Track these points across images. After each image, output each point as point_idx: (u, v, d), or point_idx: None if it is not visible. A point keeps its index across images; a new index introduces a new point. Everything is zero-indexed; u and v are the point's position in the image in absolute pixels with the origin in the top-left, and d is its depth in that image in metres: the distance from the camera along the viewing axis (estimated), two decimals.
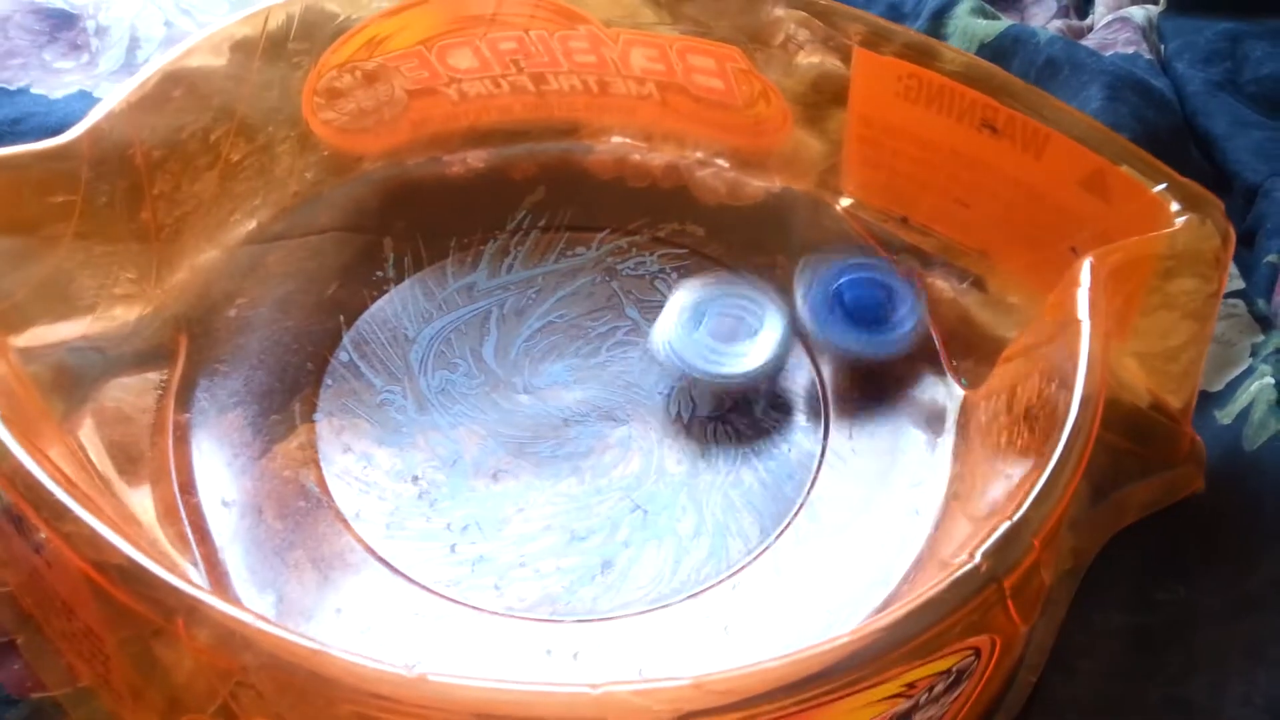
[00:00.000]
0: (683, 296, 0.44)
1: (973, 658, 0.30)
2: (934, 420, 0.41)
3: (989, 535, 0.29)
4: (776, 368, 0.43)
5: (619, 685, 0.25)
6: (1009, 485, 0.33)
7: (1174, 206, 0.38)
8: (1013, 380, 0.37)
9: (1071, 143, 0.41)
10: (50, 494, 0.29)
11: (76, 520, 0.29)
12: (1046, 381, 0.34)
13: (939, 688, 0.30)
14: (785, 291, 0.46)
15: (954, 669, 0.30)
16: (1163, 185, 0.38)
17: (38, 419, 0.35)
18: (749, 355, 0.42)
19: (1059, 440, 0.31)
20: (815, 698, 0.26)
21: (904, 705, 0.29)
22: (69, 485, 0.30)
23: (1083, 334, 0.33)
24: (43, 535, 0.30)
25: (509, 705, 0.24)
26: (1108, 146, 0.41)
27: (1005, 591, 0.29)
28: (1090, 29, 0.62)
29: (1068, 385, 0.33)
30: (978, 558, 0.28)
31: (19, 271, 0.38)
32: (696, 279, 0.45)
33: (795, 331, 0.44)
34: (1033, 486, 0.30)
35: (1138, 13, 0.62)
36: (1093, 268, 0.35)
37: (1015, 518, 0.29)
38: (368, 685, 0.25)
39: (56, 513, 0.29)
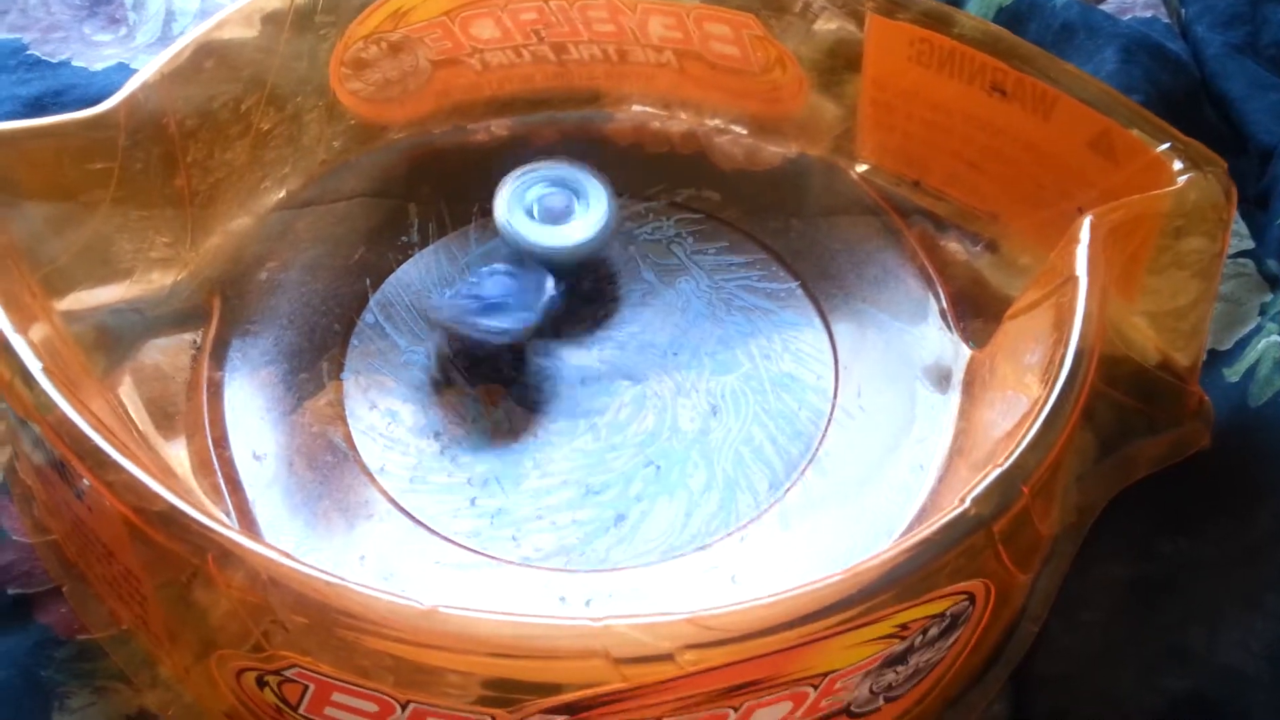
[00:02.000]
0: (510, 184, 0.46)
1: (966, 603, 0.31)
2: (941, 379, 0.42)
3: (980, 482, 0.30)
4: (602, 240, 0.45)
5: (620, 619, 0.26)
6: (1007, 437, 0.34)
7: (1177, 165, 0.38)
8: (1015, 337, 0.38)
9: (1079, 104, 0.42)
10: (93, 443, 0.31)
11: (117, 468, 0.31)
12: (1046, 336, 0.35)
13: (933, 631, 0.31)
14: (797, 254, 0.47)
15: (947, 613, 0.31)
16: (1166, 145, 0.39)
17: (80, 376, 0.37)
18: (576, 229, 0.45)
19: (1053, 391, 0.32)
20: (807, 635, 0.27)
21: (898, 646, 0.30)
22: (110, 436, 0.32)
23: (1080, 289, 0.34)
24: (85, 483, 0.32)
25: (514, 637, 0.26)
26: (1114, 108, 0.41)
27: (995, 536, 0.30)
28: None
29: (1065, 340, 0.33)
30: (968, 502, 0.29)
31: (61, 237, 0.40)
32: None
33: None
34: (1025, 435, 0.31)
35: None
36: (1092, 225, 0.36)
37: (1005, 465, 0.30)
38: (383, 618, 0.27)
39: (99, 461, 0.31)
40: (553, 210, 0.46)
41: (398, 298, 0.45)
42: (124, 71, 0.56)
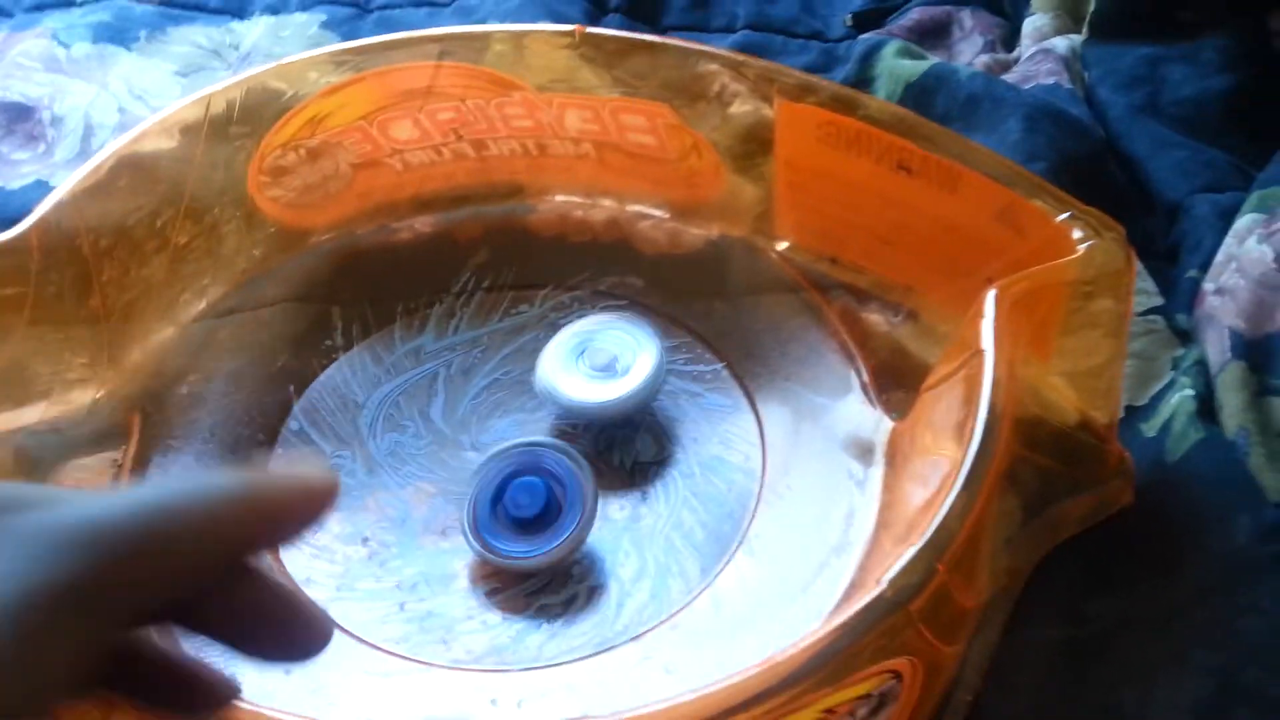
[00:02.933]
0: (563, 336, 0.45)
1: (894, 680, 0.32)
2: (864, 452, 0.43)
3: (896, 562, 0.30)
4: (650, 395, 0.44)
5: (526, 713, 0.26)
6: (925, 508, 0.35)
7: (1077, 234, 0.39)
8: (931, 408, 0.39)
9: (983, 179, 0.43)
10: None
11: None
12: (959, 408, 0.36)
13: (862, 712, 0.31)
14: (721, 335, 0.47)
15: (874, 693, 0.31)
16: (1066, 215, 0.40)
17: None
18: (622, 385, 0.43)
19: (963, 467, 0.32)
20: None
21: None
22: None
23: (987, 361, 0.35)
24: None
25: None
26: (1017, 181, 0.42)
27: (914, 616, 0.30)
28: (1017, 61, 0.64)
29: (974, 412, 0.34)
30: (884, 584, 0.29)
31: None
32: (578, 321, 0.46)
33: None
34: (939, 511, 0.31)
35: (1060, 43, 0.64)
36: (997, 298, 0.37)
37: (920, 544, 0.30)
38: None
39: None
40: (600, 366, 0.44)
41: (322, 403, 0.45)
42: (42, 188, 0.56)
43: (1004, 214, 0.43)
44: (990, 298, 0.37)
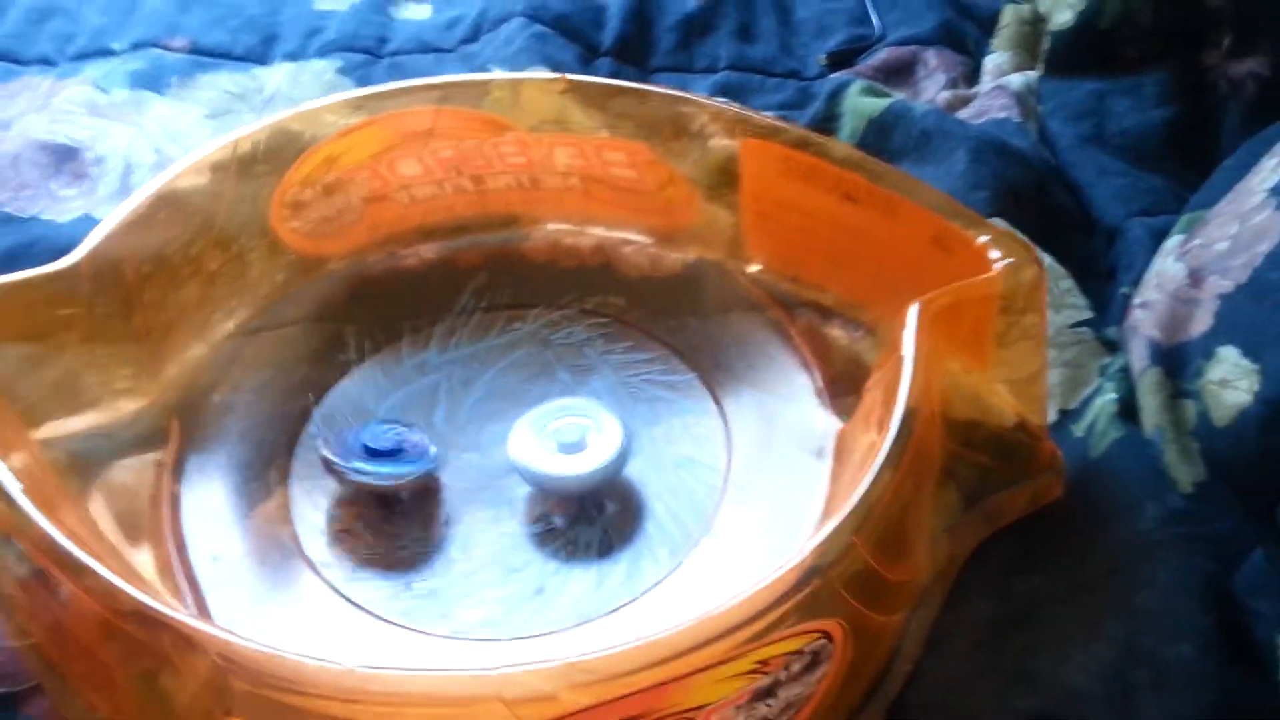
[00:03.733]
0: (530, 416, 0.48)
1: (824, 640, 0.37)
2: (818, 450, 0.48)
3: (817, 534, 0.35)
4: (617, 469, 0.47)
5: (510, 667, 0.31)
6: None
7: (994, 254, 0.45)
8: (867, 409, 0.44)
9: (918, 207, 0.48)
10: (69, 553, 0.36)
11: (92, 574, 0.36)
12: (885, 407, 0.41)
13: (795, 667, 0.36)
14: (693, 349, 0.53)
15: (806, 649, 0.36)
16: (985, 237, 0.45)
17: (56, 496, 0.42)
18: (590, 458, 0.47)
19: (880, 453, 0.37)
20: (670, 674, 0.32)
21: (763, 681, 0.35)
22: (84, 546, 0.37)
23: (904, 366, 0.40)
24: (65, 591, 0.37)
25: (422, 688, 0.31)
26: (947, 209, 0.48)
27: (834, 581, 0.35)
28: (976, 96, 0.69)
29: (891, 407, 0.39)
30: (806, 552, 0.35)
31: (35, 375, 0.46)
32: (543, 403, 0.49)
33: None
34: (856, 492, 0.36)
35: (1016, 79, 0.69)
36: (920, 310, 0.42)
37: (838, 518, 0.36)
38: (308, 679, 0.32)
39: (75, 569, 0.36)
40: (568, 442, 0.47)
41: (338, 410, 0.50)
42: (88, 222, 0.62)
43: (937, 239, 0.48)
44: (913, 310, 0.42)
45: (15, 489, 0.37)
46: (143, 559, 0.44)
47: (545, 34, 0.73)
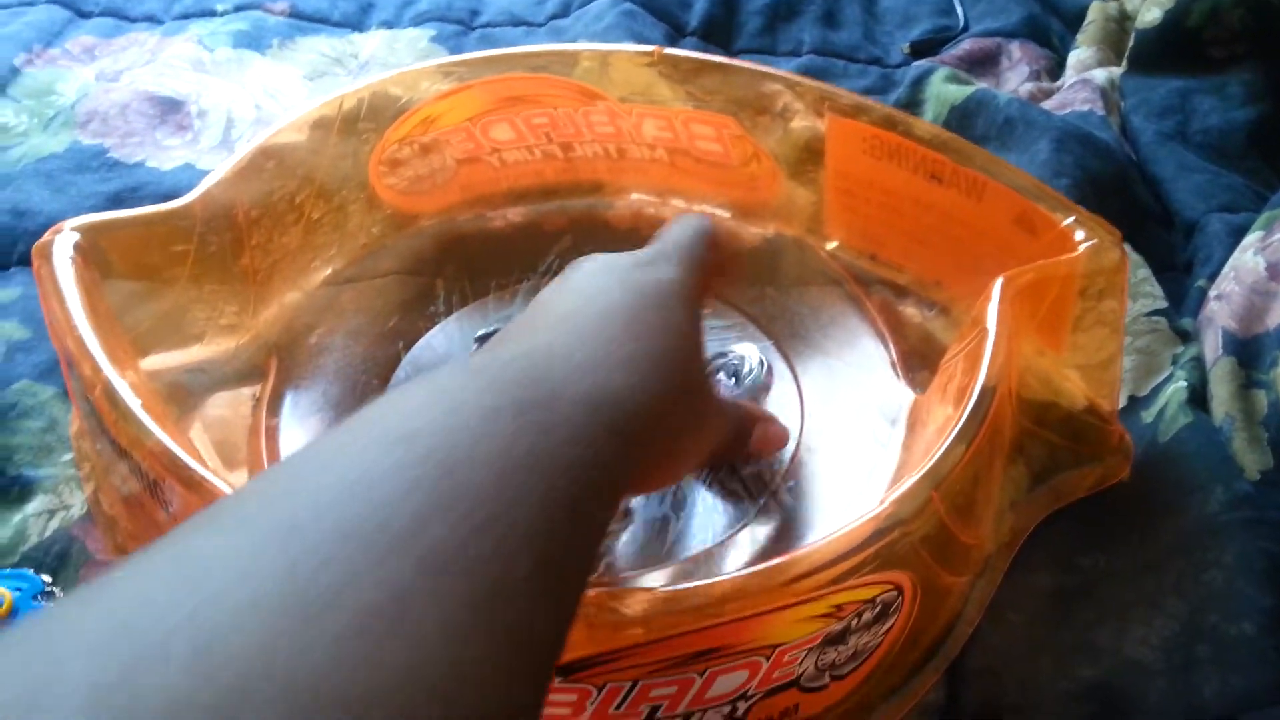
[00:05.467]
0: None
1: (894, 592, 0.38)
2: (891, 420, 0.49)
3: (897, 487, 0.36)
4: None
5: (600, 588, 0.33)
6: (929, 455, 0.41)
7: (1079, 235, 0.46)
8: (945, 380, 0.45)
9: (1003, 188, 0.49)
10: (185, 464, 0.38)
11: (203, 483, 0.38)
12: (961, 377, 0.42)
13: (867, 615, 0.38)
14: (771, 318, 0.54)
15: (877, 599, 0.37)
16: (1070, 219, 0.46)
17: (162, 420, 0.44)
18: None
19: (961, 416, 0.39)
20: (750, 609, 0.34)
21: (836, 626, 0.37)
22: (198, 460, 0.39)
23: (989, 338, 0.41)
24: (176, 504, 0.39)
25: None
26: (1032, 191, 0.49)
27: (910, 533, 0.36)
28: (1059, 89, 0.70)
29: (975, 376, 0.40)
30: (886, 503, 0.36)
31: (145, 307, 0.48)
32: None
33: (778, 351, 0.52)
34: (936, 451, 0.38)
35: (1100, 74, 0.70)
36: (1003, 286, 0.43)
37: (916, 475, 0.37)
38: None
39: (189, 479, 0.38)
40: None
41: (425, 358, 0.52)
42: (190, 171, 0.65)
43: (1021, 219, 0.49)
44: (997, 285, 0.43)
45: (135, 404, 0.39)
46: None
47: (634, 11, 0.75)
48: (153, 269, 0.48)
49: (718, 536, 0.45)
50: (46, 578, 0.46)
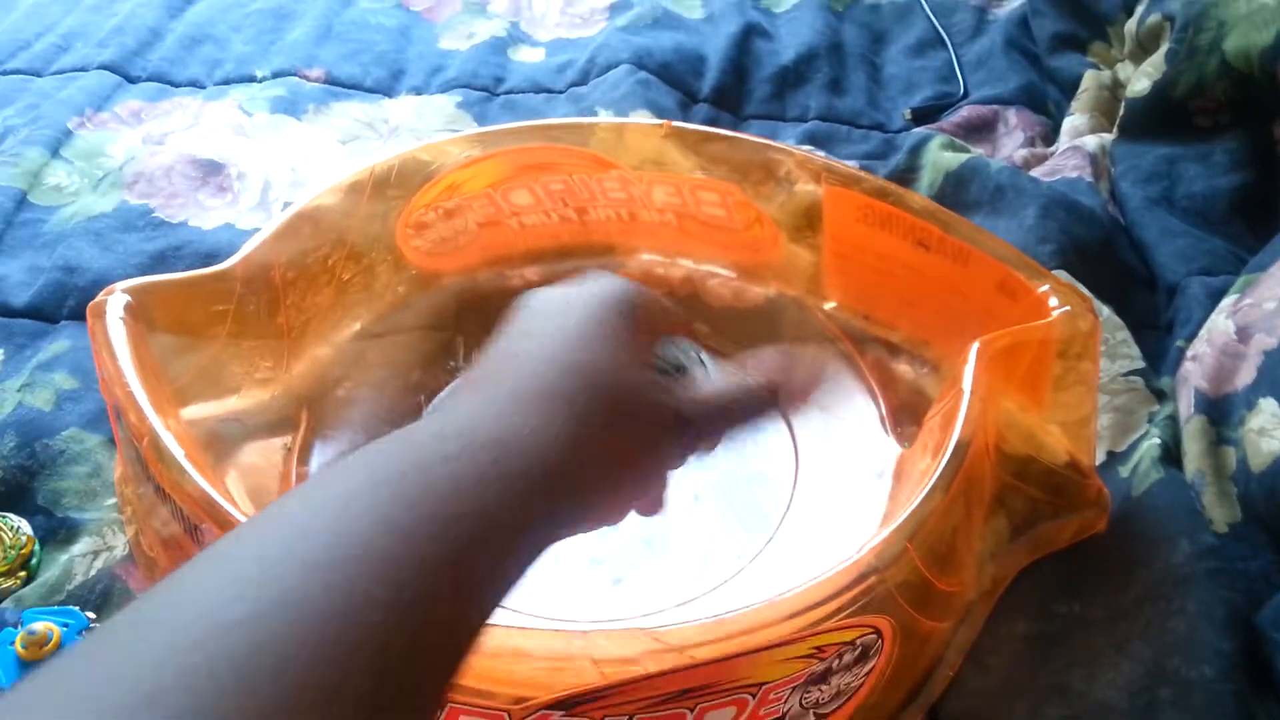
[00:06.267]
0: None
1: (874, 635, 0.41)
2: (879, 473, 0.52)
3: (875, 538, 0.40)
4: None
5: (596, 626, 0.36)
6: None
7: (1053, 302, 0.49)
8: (926, 436, 0.48)
9: (986, 256, 0.53)
10: (224, 510, 0.42)
11: None
12: (942, 433, 0.45)
13: (848, 656, 0.41)
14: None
15: (857, 642, 0.40)
16: (1045, 287, 0.50)
17: (201, 468, 0.48)
18: None
19: (935, 471, 0.42)
20: (740, 648, 0.37)
21: (818, 666, 0.40)
22: (235, 506, 0.42)
23: (963, 398, 0.44)
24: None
25: (519, 643, 0.36)
26: (1013, 259, 0.52)
27: (887, 580, 0.39)
28: (1052, 155, 0.73)
29: (949, 433, 0.44)
30: (864, 552, 0.39)
31: (186, 360, 0.52)
32: None
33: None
34: (911, 504, 0.41)
35: (1091, 140, 0.73)
36: (979, 349, 0.46)
37: (892, 525, 0.40)
38: None
39: (228, 525, 0.41)
40: None
41: None
42: (230, 230, 0.69)
43: (1003, 285, 0.52)
44: (974, 349, 0.46)
45: (179, 453, 0.43)
46: None
47: (649, 80, 0.79)
48: (195, 326, 0.52)
49: (713, 584, 0.48)
50: (91, 615, 0.50)
